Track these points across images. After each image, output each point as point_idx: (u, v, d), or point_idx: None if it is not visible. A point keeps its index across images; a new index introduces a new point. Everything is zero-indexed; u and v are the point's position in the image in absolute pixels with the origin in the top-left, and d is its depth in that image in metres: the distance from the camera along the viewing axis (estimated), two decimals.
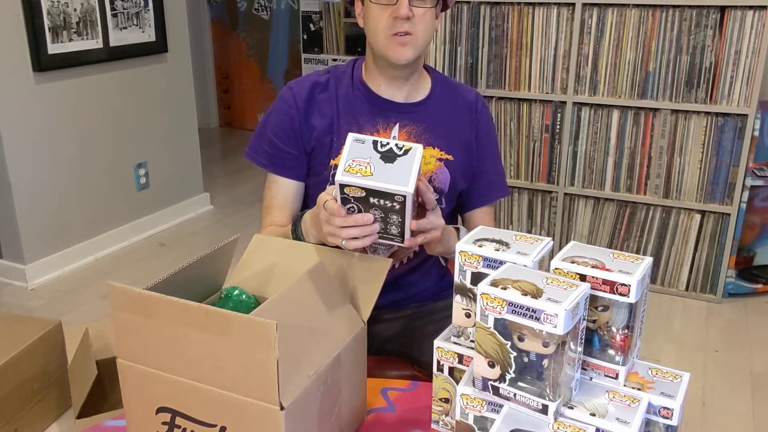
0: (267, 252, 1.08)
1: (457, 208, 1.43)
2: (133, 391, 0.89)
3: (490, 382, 0.81)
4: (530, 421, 0.79)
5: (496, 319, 0.77)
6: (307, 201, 1.38)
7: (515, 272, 0.82)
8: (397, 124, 1.32)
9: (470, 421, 0.86)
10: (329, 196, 1.04)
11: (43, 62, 2.91)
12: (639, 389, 0.83)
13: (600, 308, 0.83)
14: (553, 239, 2.01)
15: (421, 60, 1.31)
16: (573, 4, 2.85)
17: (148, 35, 3.42)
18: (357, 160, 0.97)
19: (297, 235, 1.18)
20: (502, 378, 0.80)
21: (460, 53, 3.09)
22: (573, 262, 0.84)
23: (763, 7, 2.60)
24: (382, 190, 0.94)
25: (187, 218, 3.83)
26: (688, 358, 2.55)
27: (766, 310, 2.90)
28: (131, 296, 0.83)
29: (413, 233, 1.03)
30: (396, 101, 1.32)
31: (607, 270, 0.82)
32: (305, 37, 4.85)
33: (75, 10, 3.03)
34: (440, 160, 1.34)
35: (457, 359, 0.94)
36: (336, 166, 1.32)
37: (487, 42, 3.03)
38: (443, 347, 0.95)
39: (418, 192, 1.00)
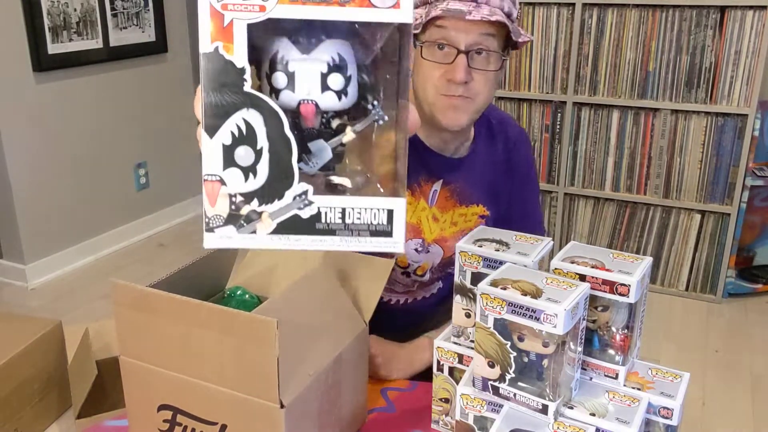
0: (270, 252, 1.09)
1: None
2: (135, 389, 0.89)
3: (490, 382, 0.81)
4: (530, 421, 0.79)
5: (496, 319, 0.77)
6: None
7: (515, 272, 0.82)
8: (441, 180, 1.19)
9: (470, 421, 0.86)
10: None
11: (43, 62, 2.91)
12: (639, 389, 0.83)
13: (600, 308, 0.83)
14: (553, 239, 2.01)
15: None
16: (573, 4, 2.85)
17: (148, 35, 3.42)
18: None
19: None
20: (502, 378, 0.80)
21: None
22: (573, 262, 0.84)
23: (763, 7, 2.60)
24: None
25: (187, 218, 3.83)
26: (688, 358, 2.55)
27: (766, 310, 2.90)
28: (134, 293, 0.84)
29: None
30: (444, 155, 1.19)
31: (607, 270, 0.82)
32: None
33: (75, 10, 3.03)
34: (482, 216, 1.24)
35: (457, 359, 0.94)
36: None
37: None
38: (443, 347, 0.95)
39: None
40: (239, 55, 0.48)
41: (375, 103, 0.50)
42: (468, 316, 0.93)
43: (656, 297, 2.96)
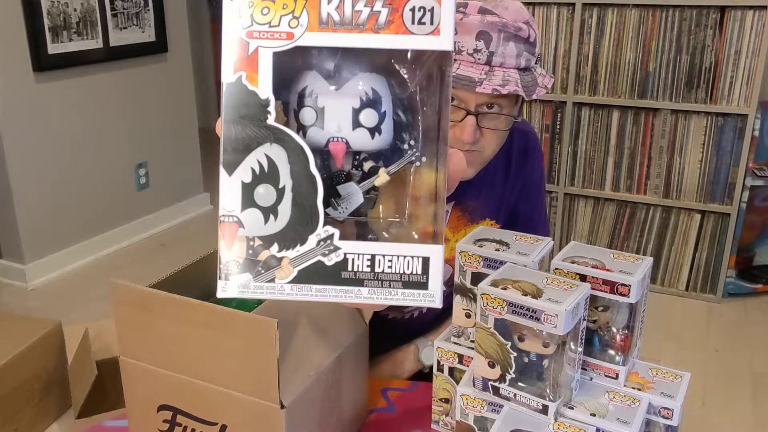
0: None
1: None
2: (134, 389, 0.89)
3: (490, 383, 0.81)
4: (530, 422, 0.79)
5: (496, 320, 0.77)
6: None
7: (515, 272, 0.82)
8: (453, 202, 1.18)
9: (470, 422, 0.86)
10: None
11: (43, 62, 2.91)
12: (639, 389, 0.83)
13: (600, 308, 0.83)
14: (553, 239, 2.01)
15: None
16: (573, 4, 2.85)
17: (148, 35, 3.42)
18: None
19: None
20: (502, 378, 0.80)
21: None
22: (573, 262, 0.84)
23: (763, 7, 2.60)
24: None
25: (187, 218, 3.83)
26: (688, 358, 2.55)
27: (766, 310, 2.90)
28: (134, 293, 0.84)
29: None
30: None
31: (608, 270, 0.82)
32: None
33: (75, 10, 3.03)
34: None
35: (457, 359, 0.94)
36: None
37: None
38: (443, 347, 0.95)
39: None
40: (264, 86, 0.44)
41: (412, 142, 0.45)
42: (468, 316, 0.93)
43: (656, 297, 2.96)
